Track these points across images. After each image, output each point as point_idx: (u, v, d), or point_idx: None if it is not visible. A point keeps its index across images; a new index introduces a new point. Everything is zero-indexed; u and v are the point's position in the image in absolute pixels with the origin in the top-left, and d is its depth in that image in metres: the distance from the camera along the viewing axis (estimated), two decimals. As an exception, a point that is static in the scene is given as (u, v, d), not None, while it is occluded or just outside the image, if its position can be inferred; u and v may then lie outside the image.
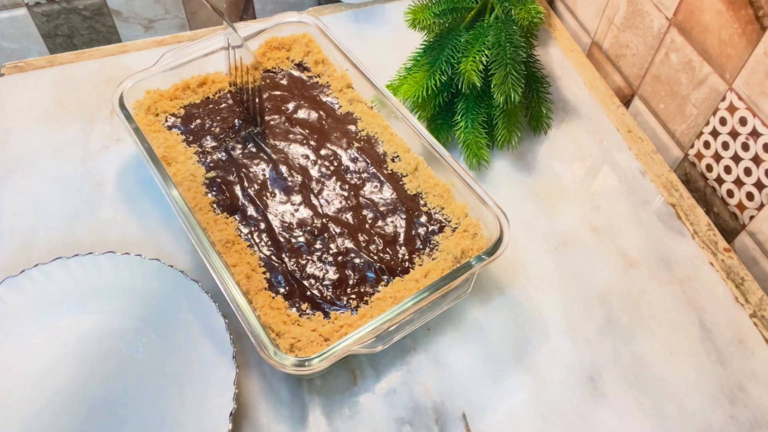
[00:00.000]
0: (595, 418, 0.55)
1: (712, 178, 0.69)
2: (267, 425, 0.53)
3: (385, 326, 0.52)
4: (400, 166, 0.65)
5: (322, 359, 0.49)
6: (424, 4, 0.72)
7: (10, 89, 0.76)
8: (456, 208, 0.61)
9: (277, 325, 0.53)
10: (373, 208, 0.63)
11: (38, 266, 0.57)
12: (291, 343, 0.52)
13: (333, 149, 0.67)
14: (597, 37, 0.83)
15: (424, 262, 0.59)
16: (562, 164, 0.72)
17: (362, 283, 0.57)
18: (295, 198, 0.63)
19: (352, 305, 0.56)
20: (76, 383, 0.54)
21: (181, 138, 0.66)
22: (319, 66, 0.74)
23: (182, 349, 0.56)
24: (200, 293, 0.56)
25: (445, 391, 0.56)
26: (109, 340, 0.56)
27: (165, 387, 0.54)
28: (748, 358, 0.58)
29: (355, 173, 0.65)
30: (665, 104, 0.74)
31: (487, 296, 0.62)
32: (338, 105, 0.71)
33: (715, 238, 0.66)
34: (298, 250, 0.59)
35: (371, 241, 0.60)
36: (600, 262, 0.64)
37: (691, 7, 0.67)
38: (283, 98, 0.71)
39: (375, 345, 0.52)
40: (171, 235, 0.64)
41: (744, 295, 0.62)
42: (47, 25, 0.90)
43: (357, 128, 0.69)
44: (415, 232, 0.61)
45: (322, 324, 0.54)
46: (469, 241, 0.58)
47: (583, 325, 0.60)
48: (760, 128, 0.62)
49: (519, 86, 0.66)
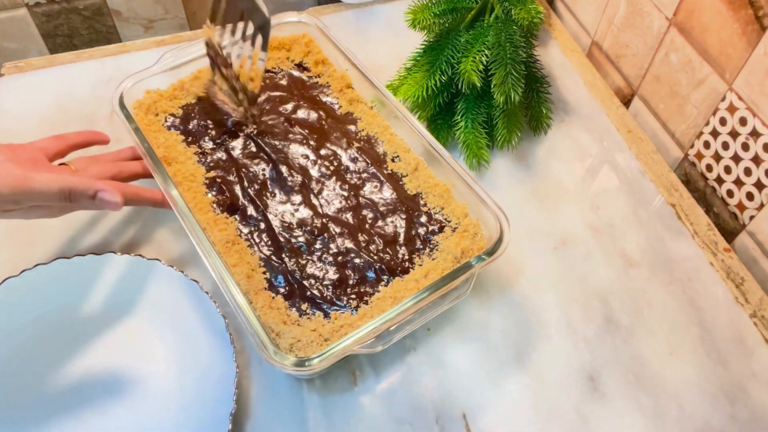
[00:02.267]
0: (594, 418, 0.55)
1: (712, 178, 0.69)
2: (267, 425, 0.53)
3: (385, 326, 0.52)
4: (400, 166, 0.65)
5: (322, 359, 0.49)
6: (424, 4, 0.72)
7: (10, 89, 0.76)
8: (456, 208, 0.61)
9: (277, 325, 0.53)
10: (373, 208, 0.63)
11: (38, 266, 0.57)
12: (291, 343, 0.52)
13: (333, 149, 0.67)
14: (597, 37, 0.83)
15: (424, 262, 0.59)
16: (562, 164, 0.72)
17: (362, 283, 0.57)
18: (295, 198, 0.63)
19: (352, 305, 0.56)
20: (75, 384, 0.54)
21: (180, 138, 0.66)
22: (319, 66, 0.74)
23: (182, 349, 0.56)
24: (200, 293, 0.56)
25: (445, 391, 0.56)
26: (109, 340, 0.56)
27: (165, 387, 0.54)
28: (748, 358, 0.58)
29: (355, 173, 0.65)
30: (665, 104, 0.74)
31: (487, 296, 0.62)
32: (338, 105, 0.71)
33: (715, 238, 0.66)
34: (298, 250, 0.59)
35: (371, 241, 0.60)
36: (600, 262, 0.64)
37: (691, 7, 0.67)
38: (283, 98, 0.71)
39: (375, 345, 0.52)
40: (171, 235, 0.64)
41: (744, 295, 0.62)
42: (47, 25, 0.90)
43: (357, 128, 0.69)
44: (415, 232, 0.61)
45: (322, 324, 0.54)
46: (469, 241, 0.58)
47: (583, 325, 0.60)
48: (760, 128, 0.62)
49: (519, 86, 0.66)
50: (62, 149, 0.59)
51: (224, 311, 0.55)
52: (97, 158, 0.61)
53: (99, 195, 0.52)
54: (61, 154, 0.59)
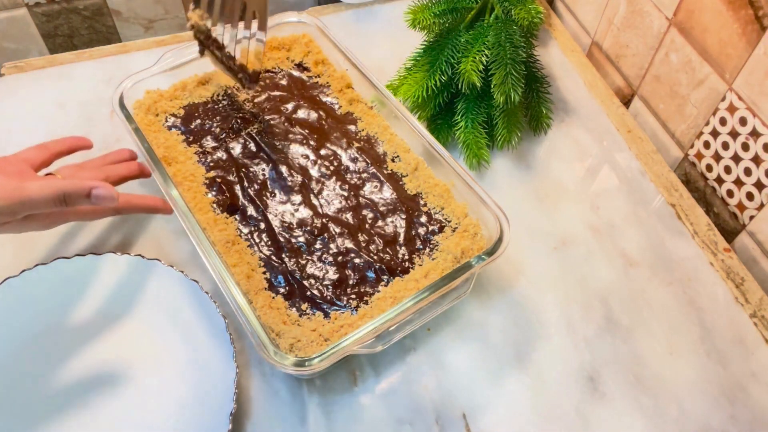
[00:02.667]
0: (594, 418, 0.55)
1: (712, 178, 0.69)
2: (267, 425, 0.53)
3: (385, 326, 0.52)
4: (400, 166, 0.65)
5: (322, 359, 0.49)
6: (424, 4, 0.72)
7: (10, 89, 0.76)
8: (456, 208, 0.61)
9: (277, 325, 0.53)
10: (373, 208, 0.63)
11: (38, 266, 0.57)
12: (291, 343, 0.52)
13: (333, 149, 0.67)
14: (597, 37, 0.83)
15: (424, 262, 0.59)
16: (562, 164, 0.72)
17: (362, 283, 0.57)
18: (295, 198, 0.63)
19: (352, 305, 0.56)
20: (75, 384, 0.54)
21: (181, 138, 0.66)
22: (319, 66, 0.74)
23: (182, 349, 0.56)
24: (200, 293, 0.56)
25: (445, 391, 0.56)
26: (109, 340, 0.56)
27: (165, 387, 0.54)
28: (748, 358, 0.58)
29: (355, 173, 0.65)
30: (665, 104, 0.74)
31: (487, 296, 0.62)
32: (338, 105, 0.71)
33: (715, 238, 0.66)
34: (298, 250, 0.59)
35: (371, 241, 0.60)
36: (600, 262, 0.64)
37: (691, 7, 0.67)
38: (283, 98, 0.71)
39: (375, 345, 0.52)
40: (171, 235, 0.64)
41: (744, 295, 0.62)
42: (47, 25, 0.90)
43: (357, 128, 0.69)
44: (415, 232, 0.61)
45: (322, 324, 0.54)
46: (469, 241, 0.58)
47: (583, 325, 0.60)
48: (760, 128, 0.62)
49: (519, 86, 0.66)
50: (46, 158, 0.57)
51: (224, 311, 0.55)
52: (83, 165, 0.60)
53: (93, 192, 0.51)
54: (45, 164, 0.57)
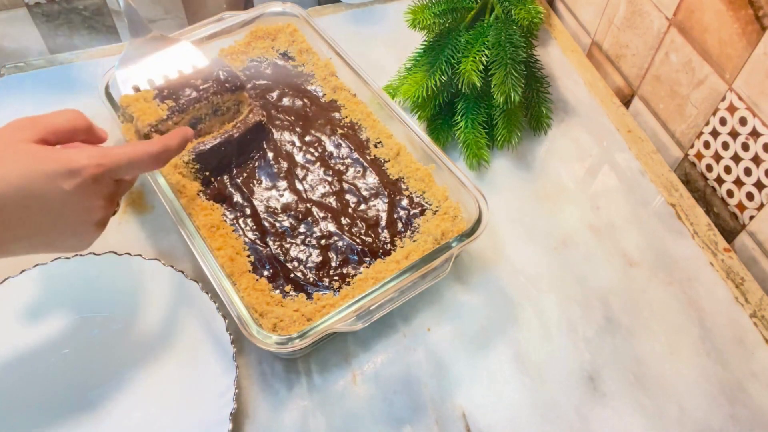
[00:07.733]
0: (595, 418, 0.55)
1: (712, 178, 0.69)
2: (267, 425, 0.53)
3: (366, 305, 0.53)
4: (383, 152, 0.67)
5: (304, 337, 0.50)
6: (424, 4, 0.72)
7: (10, 89, 0.76)
8: (437, 191, 0.62)
9: (260, 306, 0.54)
10: (356, 193, 0.64)
11: (38, 266, 0.57)
12: (274, 323, 0.53)
13: (317, 136, 0.68)
14: (597, 37, 0.83)
15: (405, 244, 0.60)
16: (562, 164, 0.72)
17: (345, 265, 0.59)
18: (280, 183, 0.64)
19: (334, 286, 0.57)
20: (75, 384, 0.54)
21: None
22: (304, 55, 0.75)
23: (182, 350, 0.56)
24: (200, 293, 0.56)
25: (445, 391, 0.56)
26: (108, 340, 0.56)
27: (165, 387, 0.54)
28: (748, 358, 0.58)
29: (339, 159, 0.66)
30: (665, 104, 0.74)
31: (487, 296, 0.62)
32: (322, 93, 0.72)
33: (715, 238, 0.66)
34: (282, 234, 0.60)
35: (354, 225, 0.61)
36: (600, 262, 0.64)
37: (691, 7, 0.67)
38: (268, 87, 0.72)
39: (356, 323, 0.53)
40: (171, 236, 0.64)
41: (744, 295, 0.62)
42: (47, 25, 0.90)
43: (341, 115, 0.70)
44: (396, 216, 0.62)
45: (305, 305, 0.55)
46: (449, 223, 0.59)
47: (583, 325, 0.60)
48: (760, 128, 0.62)
49: (519, 86, 0.66)
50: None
51: (224, 311, 0.55)
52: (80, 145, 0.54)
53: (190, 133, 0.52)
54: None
